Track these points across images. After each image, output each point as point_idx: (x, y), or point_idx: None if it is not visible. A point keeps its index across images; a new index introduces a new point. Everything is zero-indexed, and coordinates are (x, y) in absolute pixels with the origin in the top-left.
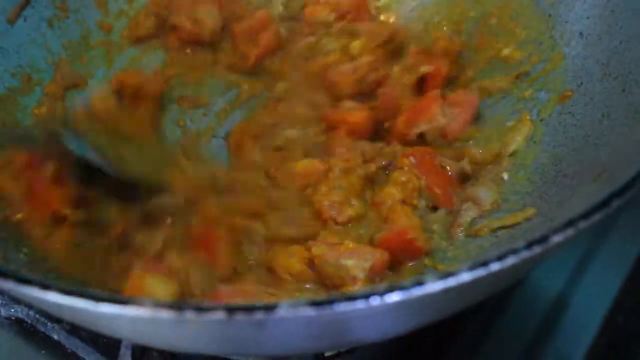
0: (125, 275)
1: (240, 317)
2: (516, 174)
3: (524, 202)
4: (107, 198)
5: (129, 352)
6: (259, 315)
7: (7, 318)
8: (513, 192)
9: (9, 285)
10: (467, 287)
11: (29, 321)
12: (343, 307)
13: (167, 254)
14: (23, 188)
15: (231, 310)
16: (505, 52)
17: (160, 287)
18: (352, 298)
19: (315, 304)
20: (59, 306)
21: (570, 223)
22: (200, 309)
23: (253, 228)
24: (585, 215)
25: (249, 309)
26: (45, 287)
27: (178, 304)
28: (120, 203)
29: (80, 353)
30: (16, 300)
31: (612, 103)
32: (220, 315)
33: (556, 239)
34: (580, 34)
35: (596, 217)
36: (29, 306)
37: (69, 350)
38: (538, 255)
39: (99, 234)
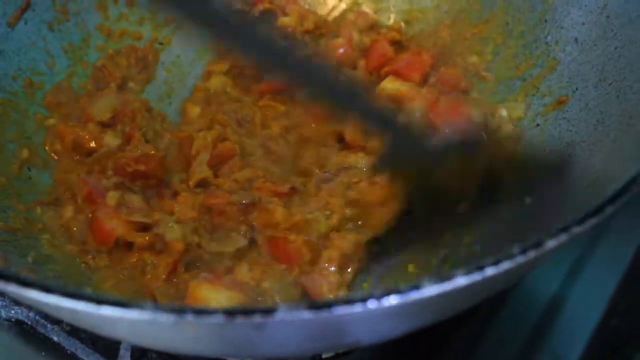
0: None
1: (239, 320)
2: None
3: None
4: None
5: (128, 354)
6: (258, 318)
7: (7, 320)
8: None
9: (11, 288)
10: (463, 291)
11: (29, 323)
12: (341, 310)
13: (236, 269)
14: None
15: (230, 313)
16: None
17: (221, 297)
18: (350, 301)
19: (314, 307)
20: (60, 309)
21: (564, 229)
22: (199, 312)
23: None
24: (580, 221)
25: (248, 312)
26: (47, 289)
27: (178, 307)
28: None
29: (80, 354)
30: (16, 302)
31: (607, 109)
32: (219, 318)
33: (551, 244)
34: (576, 39)
35: (590, 222)
36: (29, 308)
37: (68, 352)
38: (533, 260)
39: (165, 253)
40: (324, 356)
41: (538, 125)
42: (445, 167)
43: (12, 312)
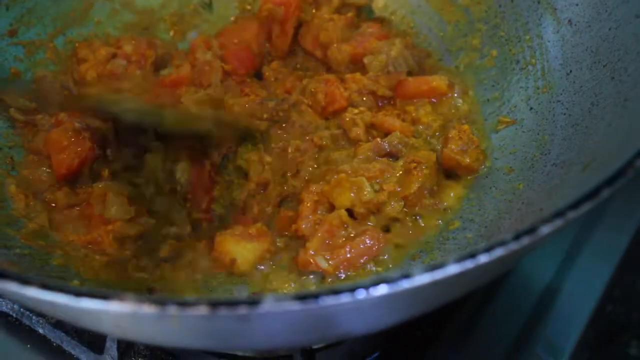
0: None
1: (223, 312)
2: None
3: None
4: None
5: (114, 346)
6: (243, 310)
7: None
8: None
9: None
10: (455, 279)
11: (14, 315)
12: (328, 301)
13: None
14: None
15: (214, 305)
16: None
17: (247, 249)
18: (337, 292)
19: (300, 298)
20: (40, 301)
21: (559, 213)
22: (182, 304)
23: None
24: (574, 206)
25: (232, 304)
26: (25, 282)
27: (160, 300)
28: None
29: (66, 347)
30: (0, 294)
31: (602, 91)
32: (202, 310)
33: (545, 229)
34: (570, 21)
35: (585, 207)
36: (14, 300)
37: (54, 344)
38: (526, 247)
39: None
40: (315, 347)
41: (532, 108)
42: None
43: None
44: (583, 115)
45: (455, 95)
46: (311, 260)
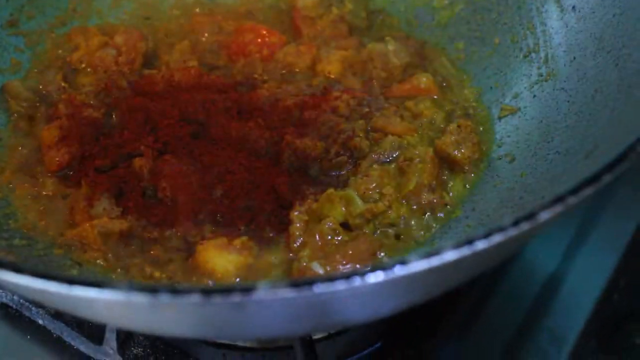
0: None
1: (216, 299)
2: None
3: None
4: None
5: (114, 336)
6: (237, 298)
7: None
8: None
9: None
10: (453, 266)
11: (14, 306)
12: (323, 287)
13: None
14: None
15: (207, 292)
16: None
17: (228, 260)
18: (332, 279)
19: (294, 285)
20: (33, 290)
21: (559, 199)
22: (175, 292)
23: None
24: (575, 191)
25: (225, 291)
26: (18, 270)
27: (153, 287)
28: None
29: (66, 337)
30: (0, 285)
31: (605, 78)
32: (196, 298)
33: (544, 215)
34: (573, 7)
35: (586, 192)
36: (10, 290)
37: (54, 335)
38: (526, 233)
39: None
40: (315, 337)
41: (535, 96)
42: None
43: None
44: (586, 103)
45: (456, 85)
46: (306, 268)
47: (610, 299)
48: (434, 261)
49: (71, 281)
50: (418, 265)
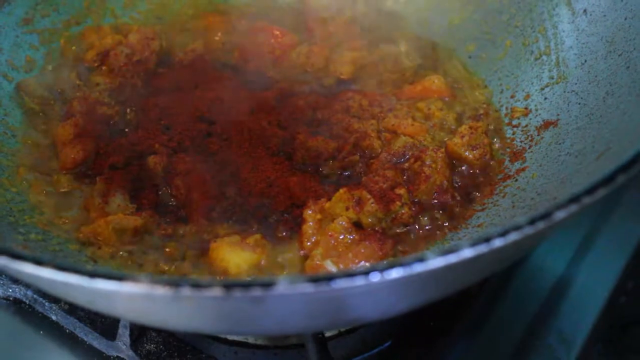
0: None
1: (237, 293)
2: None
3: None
4: None
5: (127, 332)
6: (257, 292)
7: (5, 298)
8: None
9: (4, 262)
10: (469, 264)
11: (27, 301)
12: (342, 283)
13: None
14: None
15: (228, 286)
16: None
17: (241, 257)
18: (351, 274)
19: (314, 280)
20: (54, 283)
21: (574, 199)
22: (197, 286)
23: None
24: (590, 191)
25: (246, 286)
26: (40, 263)
27: (174, 281)
28: None
29: (79, 333)
30: (14, 280)
31: (616, 80)
32: (217, 291)
33: (560, 214)
34: (585, 11)
35: (600, 192)
36: (27, 286)
37: (67, 331)
38: (541, 232)
39: None
40: (327, 334)
41: (546, 98)
42: None
43: (10, 290)
44: (598, 105)
45: (467, 86)
46: (319, 266)
47: (617, 301)
48: (452, 258)
49: (93, 274)
50: (436, 263)
